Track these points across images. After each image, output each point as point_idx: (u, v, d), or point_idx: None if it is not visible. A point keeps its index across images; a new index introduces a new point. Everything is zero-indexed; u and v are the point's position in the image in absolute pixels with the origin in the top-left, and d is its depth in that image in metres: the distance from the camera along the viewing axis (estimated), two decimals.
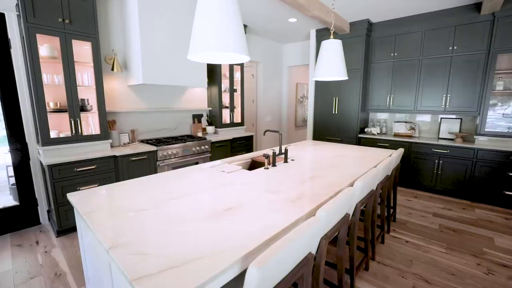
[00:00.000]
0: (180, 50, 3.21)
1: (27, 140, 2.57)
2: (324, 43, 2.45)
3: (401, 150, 2.58)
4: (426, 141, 3.61)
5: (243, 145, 4.25)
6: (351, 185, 1.69)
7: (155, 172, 3.00)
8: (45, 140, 2.41)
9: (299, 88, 6.44)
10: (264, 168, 2.03)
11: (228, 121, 4.30)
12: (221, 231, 1.04)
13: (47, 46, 2.41)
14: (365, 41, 3.96)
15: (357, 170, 1.98)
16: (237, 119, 4.52)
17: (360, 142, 4.20)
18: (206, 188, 1.56)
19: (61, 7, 2.35)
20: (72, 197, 1.41)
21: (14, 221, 2.57)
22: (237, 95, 4.46)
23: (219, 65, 3.93)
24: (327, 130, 4.57)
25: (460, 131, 3.70)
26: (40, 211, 2.72)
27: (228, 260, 0.84)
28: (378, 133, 4.24)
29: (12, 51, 2.42)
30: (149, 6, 2.85)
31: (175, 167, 3.17)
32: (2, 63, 2.38)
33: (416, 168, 3.72)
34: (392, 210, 2.84)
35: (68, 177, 2.40)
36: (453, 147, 3.41)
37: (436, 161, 3.54)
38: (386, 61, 4.01)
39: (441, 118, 3.83)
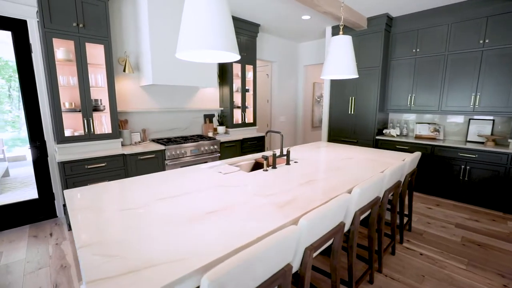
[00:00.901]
0: None
1: (45, 138, 2.75)
2: (333, 40, 2.33)
3: (417, 154, 2.36)
4: (452, 144, 3.30)
5: (254, 145, 4.20)
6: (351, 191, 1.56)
7: (164, 169, 3.05)
8: (60, 138, 2.55)
9: (316, 88, 6.25)
10: (263, 170, 1.96)
11: (240, 121, 4.28)
12: (194, 236, 1.00)
13: (63, 50, 2.55)
14: (384, 37, 3.72)
15: (363, 175, 1.84)
16: (249, 119, 4.48)
17: (377, 144, 3.96)
18: (197, 189, 1.53)
19: (76, 12, 2.48)
20: (68, 193, 1.45)
21: (34, 213, 2.77)
22: (249, 95, 4.43)
23: (231, 65, 3.92)
24: (343, 131, 4.36)
25: (492, 134, 3.32)
26: (56, 205, 2.89)
27: (187, 269, 0.79)
28: (397, 135, 3.96)
29: (33, 55, 2.59)
30: (159, 7, 2.91)
31: (183, 166, 3.21)
32: (24, 66, 2.57)
33: (440, 173, 3.41)
34: (407, 218, 2.62)
35: (79, 173, 2.52)
36: (483, 152, 3.07)
37: (463, 166, 3.21)
38: (407, 58, 3.73)
39: (470, 119, 3.48)
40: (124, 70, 3.01)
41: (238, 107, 4.25)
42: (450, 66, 3.38)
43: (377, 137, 3.94)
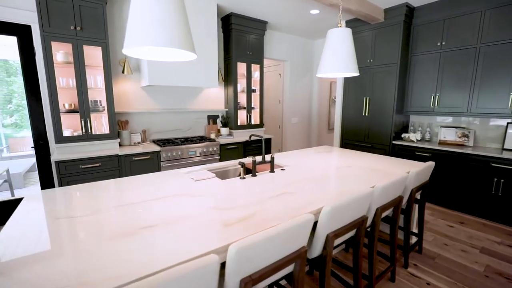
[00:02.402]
0: None
1: (48, 138, 2.87)
2: (330, 33, 2.08)
3: (429, 165, 2.01)
4: (483, 152, 2.80)
5: (259, 148, 4.03)
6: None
7: (160, 171, 3.03)
8: (59, 138, 2.64)
9: (333, 88, 5.87)
10: (240, 178, 1.80)
11: (245, 123, 4.13)
12: (114, 255, 0.88)
13: (62, 53, 2.63)
14: (403, 30, 3.31)
15: (351, 189, 1.59)
16: (256, 120, 4.32)
17: (394, 149, 3.54)
18: (156, 198, 1.42)
19: (73, 15, 2.53)
20: (43, 193, 1.45)
21: None
22: (256, 96, 4.27)
23: (235, 64, 3.80)
24: (356, 135, 4.00)
25: None
26: None
27: None
28: (418, 140, 3.51)
29: (37, 58, 2.71)
30: None
31: (180, 167, 3.15)
32: (28, 69, 2.70)
33: (467, 185, 2.93)
34: (417, 238, 2.26)
35: (74, 173, 2.58)
36: None
37: (496, 178, 2.71)
38: (430, 52, 3.27)
39: (508, 123, 2.93)
40: (123, 72, 3.04)
41: (244, 108, 4.11)
42: (483, 61, 2.88)
43: (394, 142, 3.53)
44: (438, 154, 3.13)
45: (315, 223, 1.27)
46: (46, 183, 2.93)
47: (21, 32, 2.63)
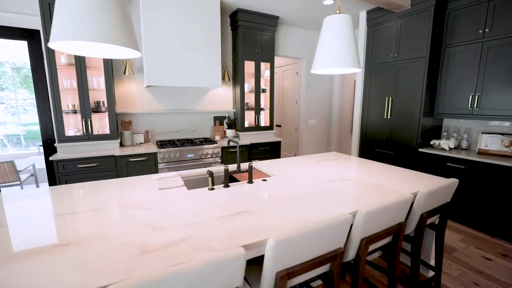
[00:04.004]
0: (189, 50, 3.08)
1: (55, 137, 3.00)
2: (326, 21, 1.78)
3: (449, 183, 1.58)
4: None
5: (267, 151, 3.78)
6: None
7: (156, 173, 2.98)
8: (61, 137, 2.73)
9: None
10: (208, 189, 1.60)
11: (254, 125, 3.92)
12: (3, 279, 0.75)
13: (65, 55, 2.71)
14: (434, 17, 2.78)
15: (332, 211, 1.29)
16: (266, 122, 4.08)
17: (420, 158, 3.01)
18: (92, 209, 1.29)
19: None
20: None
21: None
22: (266, 96, 4.03)
23: (242, 63, 3.61)
24: (377, 140, 3.52)
25: None
26: None
27: None
28: (451, 148, 2.93)
29: (45, 61, 2.84)
30: (153, 9, 2.83)
31: (178, 170, 3.07)
32: (37, 72, 2.84)
33: None
34: (434, 273, 1.82)
35: (71, 172, 2.64)
36: None
37: None
38: (469, 42, 2.70)
39: None
40: (125, 72, 3.05)
41: (252, 109, 3.90)
42: None
43: (420, 150, 3.00)
44: (475, 166, 2.55)
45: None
46: (53, 180, 3.07)
47: (31, 37, 2.77)
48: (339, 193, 1.52)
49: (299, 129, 5.02)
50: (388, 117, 3.32)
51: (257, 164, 2.24)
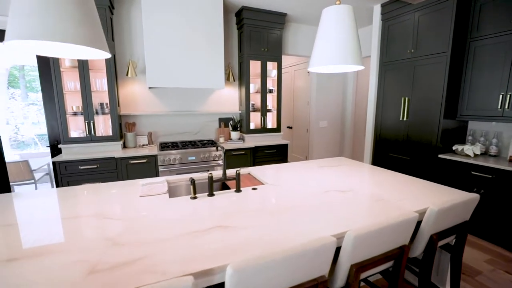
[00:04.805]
0: (191, 50, 3.01)
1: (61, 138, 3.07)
2: (323, 14, 1.60)
3: (468, 199, 1.33)
4: None
5: (272, 155, 3.62)
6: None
7: (157, 176, 2.94)
8: (65, 139, 2.77)
9: None
10: (191, 198, 1.49)
11: (260, 127, 3.78)
12: None
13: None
14: (457, 7, 2.47)
15: (316, 231, 1.12)
16: (273, 124, 3.93)
17: (440, 165, 2.70)
18: (69, 216, 1.23)
19: None
20: None
21: None
22: (273, 97, 3.88)
23: (247, 63, 3.49)
24: (392, 144, 3.23)
25: None
26: None
27: None
28: (477, 155, 2.59)
29: (51, 64, 2.91)
30: (153, 11, 2.79)
31: (179, 173, 3.01)
32: (44, 75, 2.91)
33: None
34: None
35: (73, 173, 2.67)
36: None
37: None
38: (499, 35, 2.36)
39: None
40: (127, 74, 3.05)
41: (258, 110, 3.77)
42: None
43: (441, 156, 2.69)
44: (507, 176, 2.22)
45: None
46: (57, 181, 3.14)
47: None
48: (332, 208, 1.34)
49: (310, 131, 4.80)
50: (404, 119, 3.03)
51: (254, 170, 2.10)
